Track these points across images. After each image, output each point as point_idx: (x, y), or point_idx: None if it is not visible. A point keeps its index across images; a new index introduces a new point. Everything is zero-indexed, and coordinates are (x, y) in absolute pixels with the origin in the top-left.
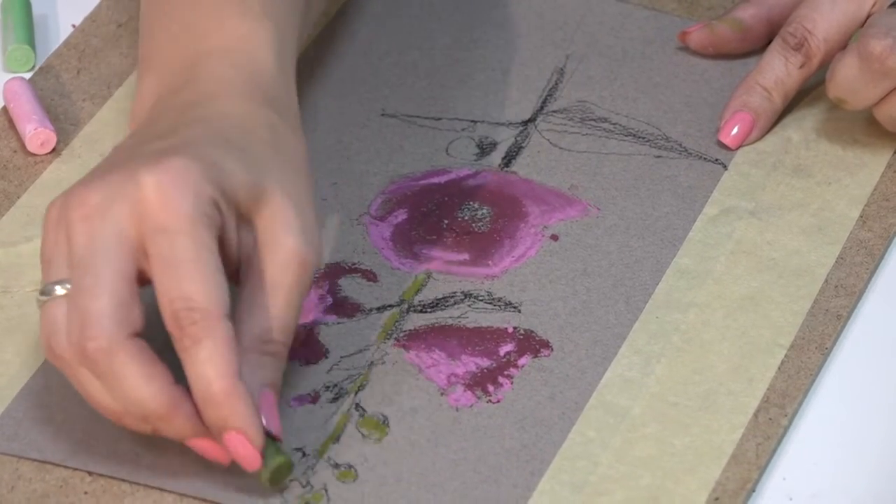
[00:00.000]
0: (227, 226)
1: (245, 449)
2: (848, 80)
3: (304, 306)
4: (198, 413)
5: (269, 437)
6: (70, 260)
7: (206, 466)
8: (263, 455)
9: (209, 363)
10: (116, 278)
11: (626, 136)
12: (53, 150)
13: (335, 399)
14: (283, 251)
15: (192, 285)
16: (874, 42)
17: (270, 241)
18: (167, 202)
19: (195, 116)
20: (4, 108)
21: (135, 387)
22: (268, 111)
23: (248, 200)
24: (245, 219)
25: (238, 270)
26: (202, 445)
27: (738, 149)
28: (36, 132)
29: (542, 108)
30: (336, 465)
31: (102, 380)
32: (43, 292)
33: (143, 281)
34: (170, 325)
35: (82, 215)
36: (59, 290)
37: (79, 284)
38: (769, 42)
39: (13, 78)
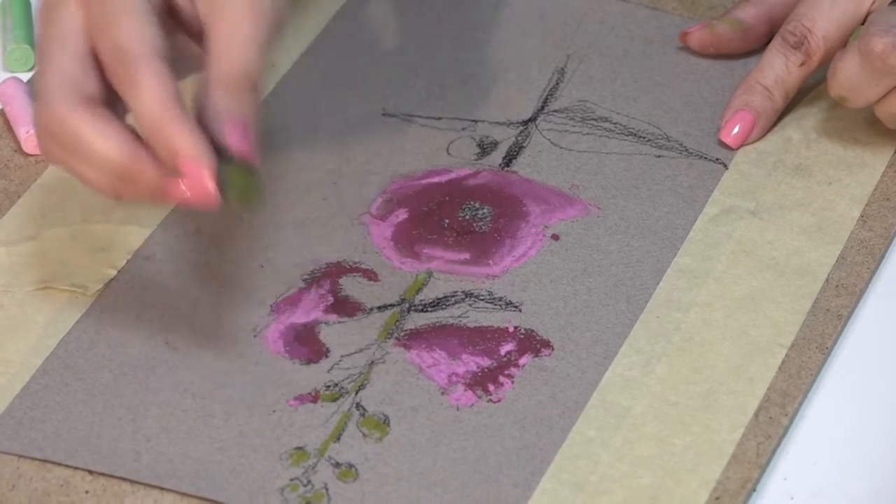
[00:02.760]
0: None
1: (195, 170)
2: (849, 78)
3: (306, 304)
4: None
5: (235, 162)
6: None
7: (206, 466)
8: (225, 179)
9: (143, 97)
10: (65, 56)
11: (626, 135)
12: None
13: (336, 398)
14: None
15: (119, 31)
16: (875, 40)
17: None
18: None
19: None
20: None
21: (94, 145)
22: None
23: None
24: None
25: (201, 30)
26: (174, 189)
27: (739, 148)
28: (29, 135)
29: (542, 107)
30: (337, 465)
31: (71, 150)
32: None
33: None
34: (109, 77)
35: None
36: None
37: (37, 71)
38: (770, 42)
39: (9, 79)
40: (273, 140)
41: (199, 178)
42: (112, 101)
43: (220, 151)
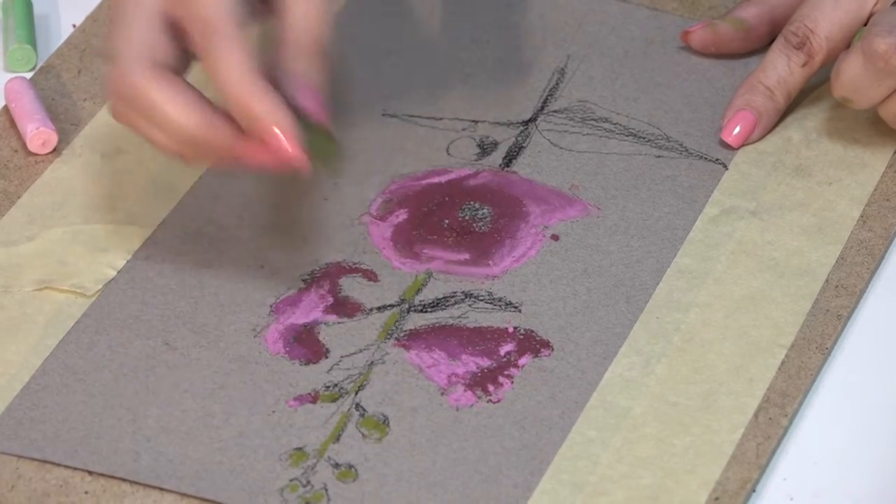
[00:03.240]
0: None
1: (280, 141)
2: (853, 79)
3: (306, 305)
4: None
5: (314, 126)
6: None
7: (205, 466)
8: (308, 144)
9: (226, 66)
10: (141, 22)
11: (626, 135)
12: (54, 149)
13: (335, 399)
14: None
15: (203, 4)
16: (878, 40)
17: None
18: None
19: None
20: (5, 107)
21: (168, 112)
22: None
23: None
24: None
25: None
26: (249, 150)
27: (740, 148)
28: (37, 132)
29: (542, 107)
30: (336, 465)
31: (145, 115)
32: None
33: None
34: (191, 45)
35: None
36: None
37: (110, 35)
38: (771, 42)
39: (14, 77)
40: None
41: (283, 144)
42: (184, 69)
43: (296, 116)
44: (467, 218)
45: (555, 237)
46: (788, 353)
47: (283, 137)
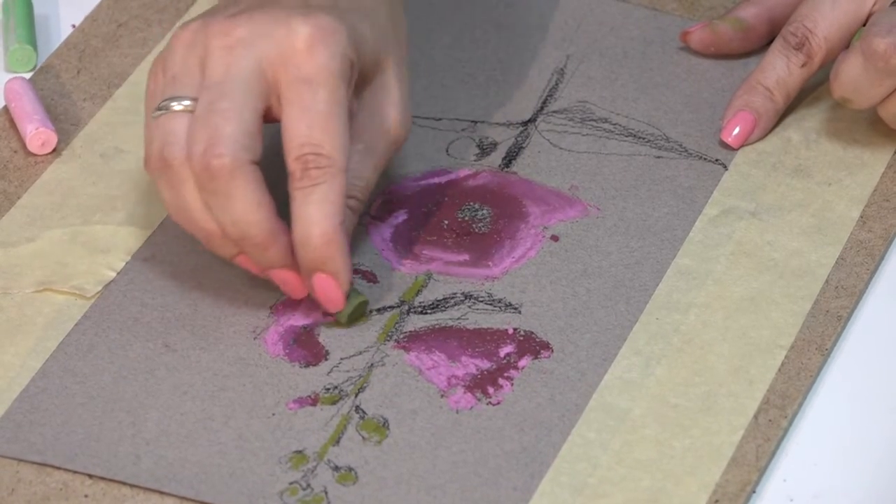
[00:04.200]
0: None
1: (334, 292)
2: (852, 79)
3: (306, 307)
4: (290, 250)
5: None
6: (200, 82)
7: (205, 469)
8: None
9: (320, 206)
10: (249, 108)
11: (626, 136)
12: (54, 150)
13: (335, 401)
14: (385, 121)
15: (324, 135)
16: (877, 40)
17: (377, 109)
18: (315, 55)
19: None
20: (5, 107)
21: (245, 210)
22: None
23: (368, 67)
24: (358, 84)
25: None
26: (286, 277)
27: (739, 148)
28: (37, 132)
29: (542, 108)
30: (336, 468)
31: (213, 198)
32: (160, 107)
33: (266, 119)
34: (293, 165)
35: (224, 45)
36: (177, 106)
37: (212, 106)
38: (770, 42)
39: (14, 78)
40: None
41: (333, 300)
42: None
43: None
44: (467, 219)
45: (554, 238)
46: (788, 354)
47: (337, 291)
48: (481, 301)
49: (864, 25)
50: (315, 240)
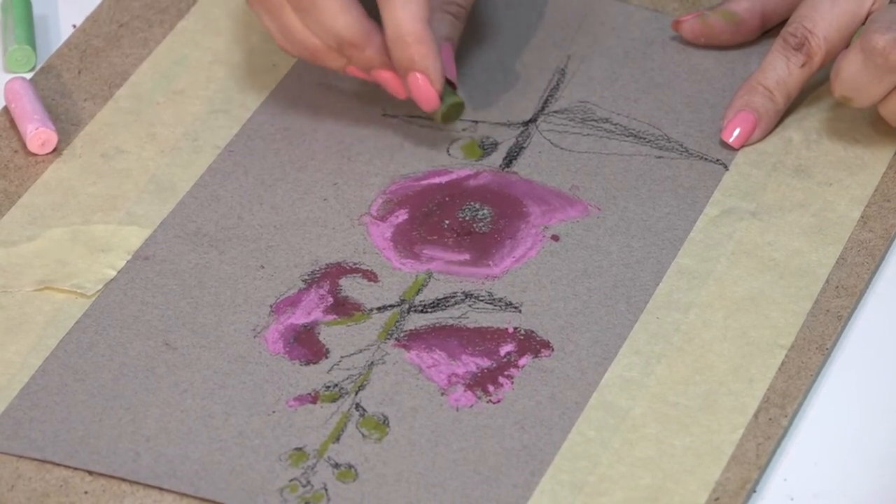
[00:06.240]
0: None
1: (427, 89)
2: (852, 77)
3: (306, 305)
4: (386, 49)
5: (446, 81)
6: None
7: (205, 466)
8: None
9: (405, 8)
10: None
11: (627, 136)
12: (54, 150)
13: (335, 399)
14: None
15: None
16: (877, 37)
17: None
18: None
19: None
20: (5, 108)
21: (333, 16)
22: None
23: None
24: None
25: None
26: (386, 77)
27: (740, 149)
28: (37, 132)
29: (543, 108)
30: (336, 465)
31: (307, 15)
32: None
33: None
34: None
35: None
36: None
37: None
38: (761, 35)
39: (14, 78)
40: (273, 140)
41: (426, 97)
42: None
43: None
44: (467, 218)
45: (555, 238)
46: (788, 354)
47: (430, 88)
48: (482, 300)
49: (864, 24)
50: (404, 39)
